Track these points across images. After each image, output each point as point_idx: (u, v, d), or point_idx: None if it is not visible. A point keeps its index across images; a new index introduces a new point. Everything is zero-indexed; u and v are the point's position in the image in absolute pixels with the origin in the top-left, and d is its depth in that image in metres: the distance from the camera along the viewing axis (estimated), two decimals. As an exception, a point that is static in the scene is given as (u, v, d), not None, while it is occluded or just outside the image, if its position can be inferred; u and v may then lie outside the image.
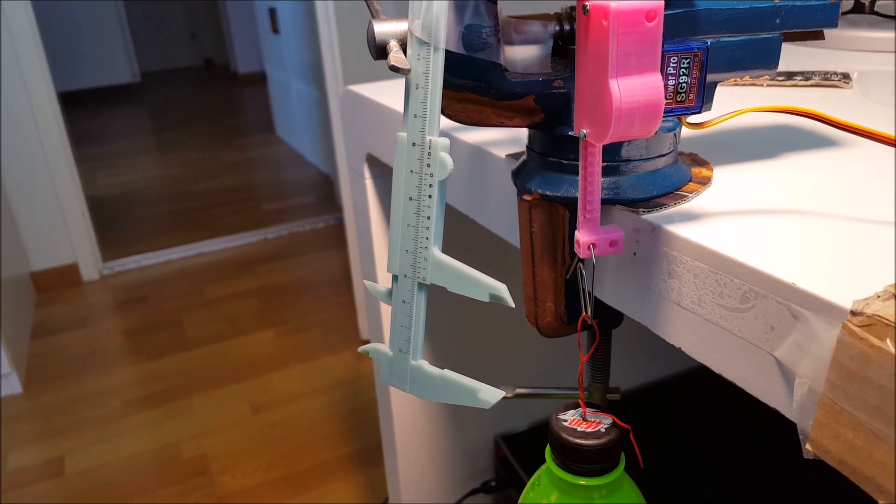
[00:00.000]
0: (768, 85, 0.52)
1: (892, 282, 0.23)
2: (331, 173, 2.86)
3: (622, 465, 0.35)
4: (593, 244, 0.29)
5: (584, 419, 0.35)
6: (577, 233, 0.29)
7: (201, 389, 1.63)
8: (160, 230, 2.61)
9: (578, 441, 0.34)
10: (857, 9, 0.68)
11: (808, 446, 0.24)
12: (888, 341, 0.21)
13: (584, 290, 0.32)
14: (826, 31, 0.34)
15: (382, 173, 0.65)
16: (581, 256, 0.30)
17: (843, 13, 0.70)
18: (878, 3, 0.67)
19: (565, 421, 0.35)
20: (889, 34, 0.62)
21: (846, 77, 0.52)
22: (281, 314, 1.95)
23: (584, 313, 0.33)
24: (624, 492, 0.36)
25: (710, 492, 0.72)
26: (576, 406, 0.36)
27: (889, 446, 0.22)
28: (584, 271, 0.32)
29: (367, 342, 0.36)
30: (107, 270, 2.30)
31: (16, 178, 2.05)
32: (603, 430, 0.34)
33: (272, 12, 3.21)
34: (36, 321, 2.00)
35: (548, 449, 0.36)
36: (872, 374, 0.22)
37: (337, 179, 2.19)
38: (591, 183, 0.28)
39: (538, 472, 0.38)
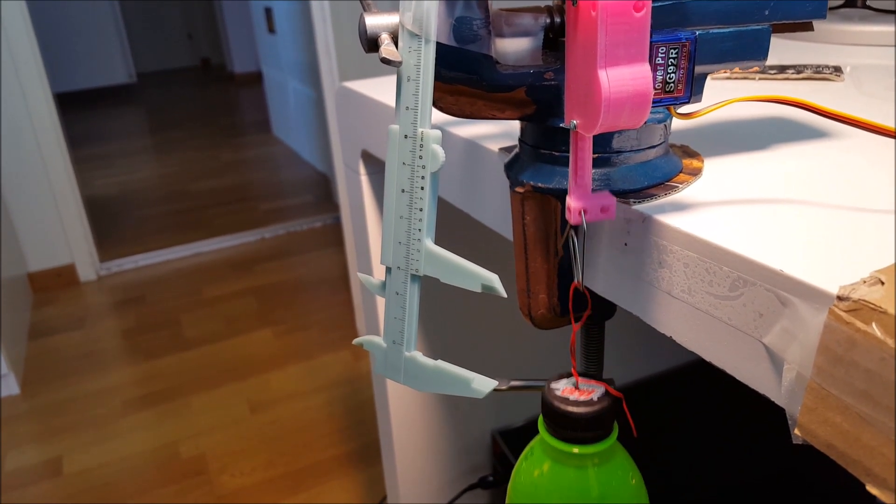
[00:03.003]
0: (760, 78, 0.52)
1: (879, 267, 0.24)
2: (328, 172, 2.86)
3: (615, 433, 0.35)
4: (584, 209, 0.29)
5: (577, 388, 0.35)
6: (567, 199, 0.29)
7: (199, 389, 1.63)
8: (157, 230, 2.61)
9: (571, 409, 0.34)
10: (850, 3, 0.68)
11: (796, 431, 0.25)
12: (874, 325, 0.21)
13: (575, 258, 0.32)
14: (818, 25, 0.34)
15: (377, 169, 0.66)
16: (572, 223, 0.29)
17: (836, 7, 0.70)
18: (869, -3, 0.68)
19: (557, 390, 0.35)
20: (880, 28, 0.62)
21: (838, 70, 0.52)
22: (279, 313, 1.95)
23: (575, 280, 0.32)
24: (617, 461, 0.36)
25: (707, 484, 0.73)
26: (568, 375, 0.36)
27: (876, 430, 0.22)
28: (575, 239, 0.32)
29: (364, 338, 0.36)
30: (104, 271, 2.30)
31: (13, 179, 2.05)
32: (595, 398, 0.34)
33: (268, 12, 3.21)
34: (33, 322, 2.00)
35: (540, 419, 0.36)
36: (859, 358, 0.22)
37: (334, 178, 2.19)
38: (582, 149, 0.28)
39: (531, 444, 0.38)
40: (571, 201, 0.29)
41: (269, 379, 1.66)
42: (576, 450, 0.34)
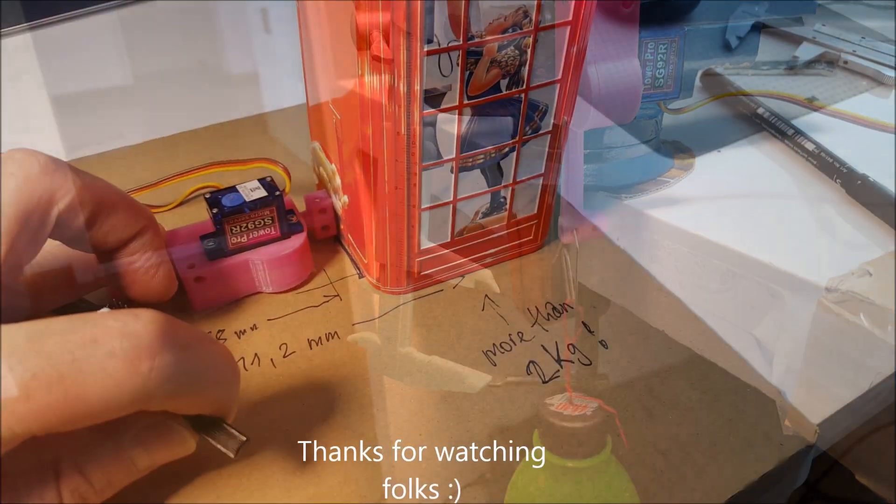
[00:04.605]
0: (752, 73, 0.52)
1: (867, 260, 0.24)
2: (325, 173, 2.86)
3: (609, 447, 0.36)
4: (576, 229, 0.29)
5: (571, 403, 0.36)
6: (560, 219, 0.30)
7: (198, 390, 1.63)
8: (155, 232, 2.60)
9: (566, 424, 0.35)
10: (842, -2, 0.69)
11: (787, 422, 0.25)
12: (862, 316, 0.22)
13: (568, 275, 0.33)
14: (809, 19, 0.34)
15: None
16: (564, 242, 0.30)
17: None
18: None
19: (552, 405, 0.36)
20: (873, 22, 0.62)
21: (830, 65, 0.52)
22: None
23: (568, 298, 0.33)
24: (611, 474, 0.36)
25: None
26: (562, 391, 0.37)
27: (866, 420, 0.22)
28: (568, 257, 0.33)
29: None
30: (102, 274, 2.29)
31: (9, 181, 2.04)
32: (589, 412, 0.35)
33: (264, 12, 3.22)
34: (31, 325, 2.00)
35: (535, 434, 0.37)
36: (847, 348, 0.22)
37: (331, 178, 2.19)
38: (573, 167, 0.28)
39: (527, 460, 0.39)
40: (564, 221, 0.30)
41: (266, 379, 1.66)
42: (570, 464, 0.35)
